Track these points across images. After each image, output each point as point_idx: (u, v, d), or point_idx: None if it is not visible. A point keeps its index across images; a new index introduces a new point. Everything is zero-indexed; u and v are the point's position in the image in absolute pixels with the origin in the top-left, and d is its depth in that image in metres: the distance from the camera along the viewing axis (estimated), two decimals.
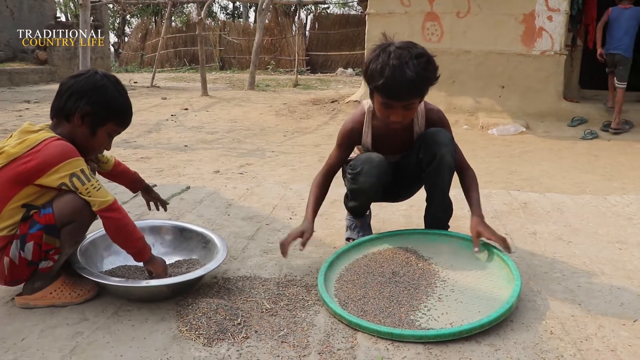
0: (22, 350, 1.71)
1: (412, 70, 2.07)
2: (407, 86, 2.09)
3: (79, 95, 1.95)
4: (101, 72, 2.03)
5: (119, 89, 2.04)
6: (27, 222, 1.88)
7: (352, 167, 2.40)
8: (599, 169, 5.62)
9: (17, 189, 1.86)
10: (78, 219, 1.91)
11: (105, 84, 2.00)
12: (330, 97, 11.10)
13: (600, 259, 2.50)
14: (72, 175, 1.86)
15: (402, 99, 2.15)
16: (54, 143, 1.88)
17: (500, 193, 3.70)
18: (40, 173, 1.84)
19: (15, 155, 1.84)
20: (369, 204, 2.60)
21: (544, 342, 1.78)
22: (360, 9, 24.88)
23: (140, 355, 1.69)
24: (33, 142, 1.86)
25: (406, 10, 8.57)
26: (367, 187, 2.38)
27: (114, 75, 2.07)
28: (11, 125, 7.46)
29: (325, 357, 1.68)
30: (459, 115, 8.20)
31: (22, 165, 1.83)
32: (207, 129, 7.89)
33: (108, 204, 1.91)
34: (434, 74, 2.18)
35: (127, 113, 2.08)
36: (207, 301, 1.96)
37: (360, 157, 2.42)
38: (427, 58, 2.14)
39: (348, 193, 2.56)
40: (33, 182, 1.86)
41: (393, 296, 2.02)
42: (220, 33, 23.04)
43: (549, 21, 8.05)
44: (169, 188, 3.68)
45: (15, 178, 1.85)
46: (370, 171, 2.35)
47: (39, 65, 14.78)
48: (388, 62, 2.09)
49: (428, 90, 2.22)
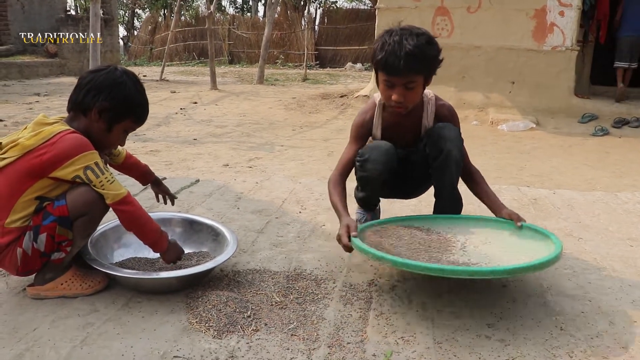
0: (34, 340, 1.72)
1: (410, 45, 2.12)
2: (404, 59, 2.12)
3: (97, 90, 1.96)
4: (121, 69, 2.04)
5: (137, 87, 2.05)
6: (41, 214, 1.89)
7: (360, 155, 2.40)
8: (610, 166, 5.58)
9: (32, 182, 1.87)
10: (91, 211, 1.92)
11: (125, 80, 2.01)
12: (339, 91, 11.07)
13: (611, 256, 2.49)
14: (87, 168, 1.87)
15: (400, 73, 2.17)
16: (69, 136, 1.88)
17: (510, 189, 3.69)
18: (55, 166, 1.85)
19: (29, 148, 1.85)
20: (377, 194, 2.59)
21: (555, 338, 1.78)
22: (369, 3, 24.83)
23: (150, 346, 1.70)
24: (48, 135, 1.87)
25: (416, 4, 8.53)
26: (375, 174, 2.37)
27: (133, 73, 2.08)
28: (22, 118, 7.50)
29: (334, 351, 1.69)
30: (468, 111, 8.16)
31: (37, 158, 1.84)
32: (216, 123, 7.89)
33: (122, 196, 1.92)
34: (434, 52, 2.20)
35: (144, 110, 2.10)
36: (217, 293, 1.97)
37: (369, 144, 2.43)
38: (427, 37, 2.19)
39: (357, 184, 2.56)
40: (47, 175, 1.87)
41: (426, 244, 2.10)
42: (229, 27, 23.03)
43: (561, 16, 7.98)
44: (178, 181, 3.69)
45: (30, 170, 1.85)
46: (377, 158, 2.35)
47: (49, 58, 14.81)
48: (389, 39, 2.17)
49: (430, 72, 2.23)
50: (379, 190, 2.55)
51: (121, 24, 26.87)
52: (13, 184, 1.86)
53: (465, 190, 2.53)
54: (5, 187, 1.87)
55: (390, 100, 2.26)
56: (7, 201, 1.87)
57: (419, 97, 2.32)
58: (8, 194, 1.87)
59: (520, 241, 2.17)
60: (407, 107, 2.29)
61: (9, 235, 1.89)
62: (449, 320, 1.88)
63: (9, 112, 8.04)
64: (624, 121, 7.70)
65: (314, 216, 3.01)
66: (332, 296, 2.04)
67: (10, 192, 1.87)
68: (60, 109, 8.48)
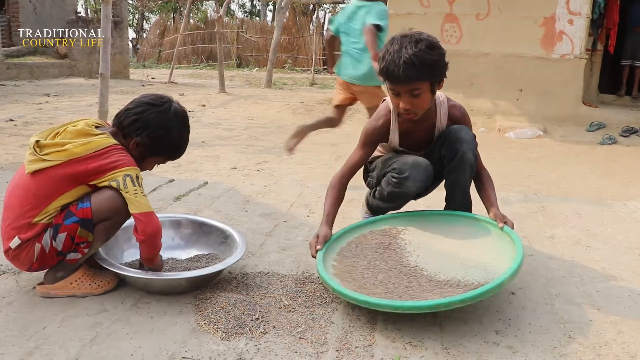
0: (43, 338, 1.73)
1: (408, 52, 2.12)
2: (403, 68, 2.12)
3: (144, 125, 2.01)
4: (174, 110, 2.08)
5: (182, 131, 2.11)
6: (63, 213, 1.92)
7: (399, 172, 2.35)
8: (618, 175, 5.57)
9: (72, 186, 1.91)
10: (115, 216, 1.95)
11: (172, 126, 2.06)
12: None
13: (620, 265, 2.48)
14: (127, 175, 1.90)
15: (401, 81, 2.17)
16: (119, 152, 1.94)
17: (517, 196, 3.68)
18: (99, 175, 1.90)
19: (77, 155, 1.88)
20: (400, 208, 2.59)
21: (563, 345, 1.77)
22: None
23: (159, 347, 1.70)
24: (97, 146, 1.90)
25: (425, 11, 8.54)
26: (413, 191, 2.38)
27: (184, 113, 2.13)
28: (31, 118, 7.54)
29: (342, 355, 1.69)
30: (476, 118, 8.15)
31: (84, 166, 1.88)
32: (224, 126, 7.91)
33: (148, 210, 1.94)
34: (435, 57, 2.17)
35: (180, 153, 2.17)
36: (225, 296, 1.97)
37: (407, 161, 2.37)
38: (428, 42, 2.16)
39: (384, 195, 2.48)
40: (88, 182, 1.91)
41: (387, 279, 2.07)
42: (238, 31, 23.12)
43: (570, 25, 7.98)
44: (186, 183, 3.71)
45: (73, 176, 1.89)
46: (418, 176, 2.33)
47: (59, 59, 14.90)
48: (390, 48, 2.17)
49: (435, 77, 2.21)
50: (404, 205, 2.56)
51: (130, 26, 26.98)
52: (53, 186, 1.89)
53: (476, 195, 2.52)
54: (44, 187, 1.89)
55: (399, 109, 2.27)
56: (42, 201, 1.90)
57: (428, 102, 2.29)
58: (46, 194, 1.90)
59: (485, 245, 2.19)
60: (416, 113, 2.28)
61: (31, 231, 1.91)
62: (457, 326, 1.88)
63: (19, 112, 8.09)
64: (632, 130, 7.69)
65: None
66: (340, 300, 2.04)
67: (49, 193, 1.90)
68: (69, 110, 8.53)
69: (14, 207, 1.92)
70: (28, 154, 1.93)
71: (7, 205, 1.96)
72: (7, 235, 1.93)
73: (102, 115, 5.18)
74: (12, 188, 1.97)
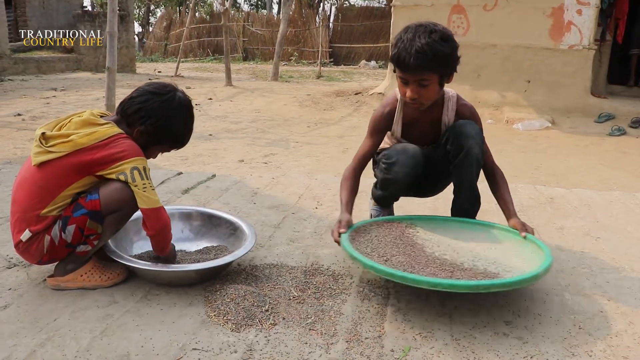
0: (54, 330, 1.74)
1: (421, 42, 2.11)
2: (415, 56, 2.11)
3: (148, 114, 2.01)
4: (178, 98, 2.07)
5: (186, 120, 2.10)
6: (72, 205, 1.92)
7: (387, 157, 2.39)
8: (627, 166, 5.53)
9: (78, 177, 1.91)
10: (124, 208, 1.95)
11: (177, 115, 2.05)
12: (353, 89, 11.06)
13: (630, 256, 2.47)
14: (135, 168, 1.90)
15: (411, 70, 2.16)
16: (126, 142, 1.93)
17: (526, 187, 3.67)
18: (105, 165, 1.89)
19: (82, 146, 1.88)
20: (398, 195, 2.59)
21: (573, 336, 1.77)
22: (383, 1, 24.76)
23: (169, 338, 1.71)
24: (102, 136, 1.90)
25: (432, 2, 8.49)
26: (401, 177, 2.37)
27: (188, 102, 2.12)
28: (39, 112, 7.57)
29: (352, 346, 1.69)
30: (483, 109, 8.12)
31: (89, 156, 1.88)
32: (231, 119, 7.92)
33: (157, 205, 1.94)
34: (448, 50, 2.17)
35: (184, 141, 2.16)
36: (234, 287, 1.98)
37: (396, 147, 2.41)
38: (442, 34, 2.16)
39: (378, 182, 2.55)
40: (94, 173, 1.91)
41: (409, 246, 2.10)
42: (244, 24, 23.09)
43: (578, 15, 7.91)
44: (194, 176, 3.71)
45: (79, 166, 1.89)
46: (406, 162, 2.34)
47: (65, 53, 14.95)
48: (404, 36, 2.17)
49: (445, 70, 2.21)
50: (400, 193, 2.55)
51: (136, 20, 26.99)
52: (59, 177, 1.89)
53: (482, 189, 2.52)
54: (50, 179, 1.90)
55: (405, 97, 2.26)
56: (50, 193, 1.90)
57: (435, 95, 2.29)
58: (53, 185, 1.90)
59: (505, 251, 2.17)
60: (422, 103, 2.28)
61: (41, 224, 1.91)
62: (467, 317, 1.87)
63: (26, 106, 8.12)
64: None
65: (330, 212, 3.01)
66: (349, 291, 2.04)
67: (56, 184, 1.90)
68: (76, 104, 8.55)
69: (21, 200, 1.93)
70: (34, 146, 1.93)
71: (14, 199, 1.96)
72: (17, 229, 1.94)
73: (109, 109, 5.19)
74: (19, 181, 1.97)
